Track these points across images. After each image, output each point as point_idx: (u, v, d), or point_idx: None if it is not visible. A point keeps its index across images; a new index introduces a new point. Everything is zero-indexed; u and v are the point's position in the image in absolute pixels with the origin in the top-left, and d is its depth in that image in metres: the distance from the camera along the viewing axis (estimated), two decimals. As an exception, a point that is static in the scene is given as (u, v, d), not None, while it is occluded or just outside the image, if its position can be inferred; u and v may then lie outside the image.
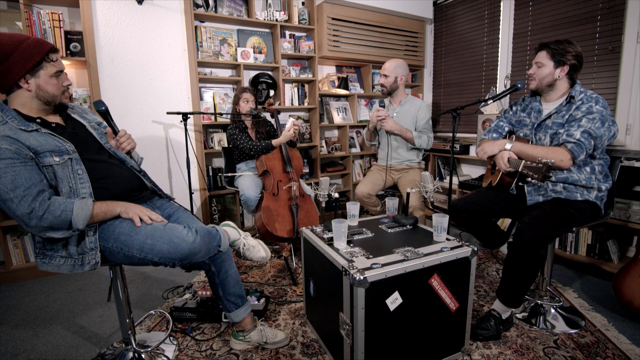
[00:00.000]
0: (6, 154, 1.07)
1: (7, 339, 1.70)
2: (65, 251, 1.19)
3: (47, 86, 1.19)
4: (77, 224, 1.12)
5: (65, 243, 1.18)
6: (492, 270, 2.34)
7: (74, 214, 1.11)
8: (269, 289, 2.13)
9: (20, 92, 1.18)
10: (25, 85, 1.16)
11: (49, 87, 1.20)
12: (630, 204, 2.15)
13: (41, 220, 1.08)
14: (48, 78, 1.19)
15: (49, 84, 1.20)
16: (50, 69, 1.19)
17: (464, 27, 3.57)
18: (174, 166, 2.92)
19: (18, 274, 2.33)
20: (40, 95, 1.19)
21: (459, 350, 1.48)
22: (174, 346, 1.60)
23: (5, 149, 1.07)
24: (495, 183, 1.86)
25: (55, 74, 1.20)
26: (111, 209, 1.21)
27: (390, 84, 2.46)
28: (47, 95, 1.20)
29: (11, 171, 1.07)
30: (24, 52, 1.13)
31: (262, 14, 3.04)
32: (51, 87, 1.20)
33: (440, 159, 3.70)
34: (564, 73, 1.64)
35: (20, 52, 1.13)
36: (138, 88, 2.71)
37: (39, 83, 1.18)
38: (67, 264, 1.19)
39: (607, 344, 1.58)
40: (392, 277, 1.23)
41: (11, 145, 1.08)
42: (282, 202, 2.35)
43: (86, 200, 1.16)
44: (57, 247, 1.19)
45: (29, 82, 1.16)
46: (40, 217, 1.08)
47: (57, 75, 1.21)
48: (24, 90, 1.17)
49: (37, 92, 1.18)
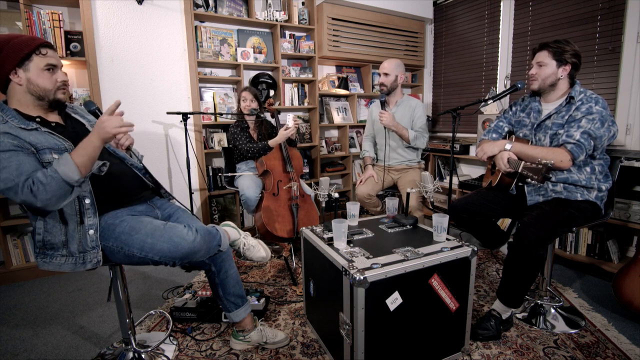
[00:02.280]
0: (8, 146, 1.07)
1: (7, 339, 1.70)
2: (66, 250, 1.19)
3: (38, 80, 1.18)
4: (71, 178, 1.07)
5: (65, 241, 1.18)
6: (492, 270, 2.34)
7: (62, 173, 1.06)
8: (269, 289, 2.13)
9: (13, 87, 1.18)
10: (16, 79, 1.16)
11: (40, 81, 1.19)
12: (630, 204, 2.15)
13: (42, 193, 1.04)
14: (39, 71, 1.18)
15: (40, 78, 1.19)
16: (40, 62, 1.18)
17: (464, 27, 3.57)
18: (174, 166, 2.92)
19: (18, 274, 2.33)
20: (32, 90, 1.19)
21: (459, 350, 1.48)
22: (174, 346, 1.60)
23: (7, 142, 1.08)
24: (495, 183, 1.86)
25: (46, 66, 1.19)
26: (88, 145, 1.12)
27: (391, 82, 2.46)
28: (38, 89, 1.19)
29: (15, 159, 1.06)
30: (14, 46, 1.14)
31: (262, 14, 3.04)
32: (42, 80, 1.19)
33: (440, 159, 3.70)
34: (566, 72, 1.64)
35: (11, 46, 1.14)
36: (138, 88, 2.71)
37: (29, 76, 1.17)
38: (68, 262, 1.19)
39: (607, 344, 1.58)
40: (392, 277, 1.23)
41: (13, 140, 1.09)
42: (282, 202, 2.35)
43: (62, 157, 1.10)
44: (57, 245, 1.19)
45: (19, 74, 1.16)
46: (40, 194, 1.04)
47: (48, 68, 1.20)
48: (15, 84, 1.17)
49: (28, 86, 1.18)
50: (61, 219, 1.18)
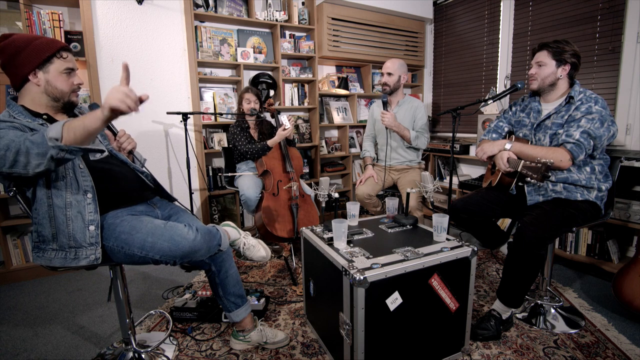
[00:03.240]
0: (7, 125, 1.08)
1: (7, 339, 1.70)
2: (55, 243, 1.17)
3: (57, 82, 1.21)
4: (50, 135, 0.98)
5: (55, 234, 1.17)
6: (492, 270, 2.34)
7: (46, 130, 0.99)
8: (269, 289, 2.13)
9: (30, 87, 1.19)
10: (35, 80, 1.18)
11: (58, 83, 1.21)
12: (630, 204, 2.15)
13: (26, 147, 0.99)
14: (58, 74, 1.21)
15: (58, 80, 1.21)
16: (60, 65, 1.21)
17: (464, 27, 3.57)
18: (174, 166, 2.92)
19: (18, 274, 2.33)
20: (49, 91, 1.21)
21: (459, 350, 1.48)
22: (174, 346, 1.60)
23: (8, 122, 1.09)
24: (495, 183, 1.86)
25: (65, 70, 1.22)
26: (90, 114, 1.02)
27: (394, 82, 2.46)
28: (55, 91, 1.21)
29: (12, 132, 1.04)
30: (35, 47, 1.16)
31: (262, 14, 3.04)
32: (60, 83, 1.22)
33: (440, 159, 3.70)
34: (565, 72, 1.64)
35: (32, 47, 1.16)
36: (138, 88, 2.64)
37: (48, 78, 1.19)
38: (57, 256, 1.17)
39: (607, 344, 1.58)
40: (392, 277, 1.23)
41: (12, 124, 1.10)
42: (282, 202, 2.35)
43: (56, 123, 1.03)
44: (47, 238, 1.17)
45: (38, 76, 1.18)
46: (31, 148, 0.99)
47: (67, 72, 1.23)
48: (33, 84, 1.19)
49: (46, 87, 1.20)
50: (49, 210, 1.16)
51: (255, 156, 2.44)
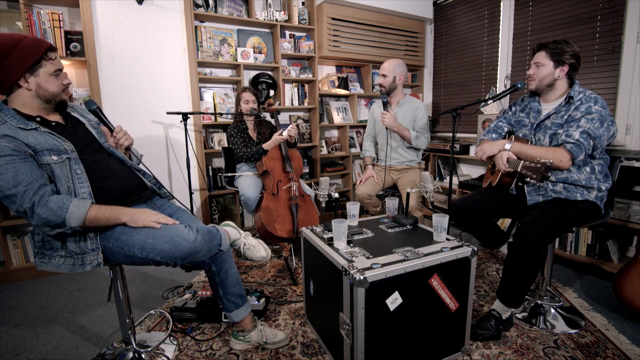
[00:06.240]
0: (5, 151, 1.07)
1: (7, 339, 1.70)
2: (64, 250, 1.19)
3: (48, 85, 1.19)
4: (70, 221, 1.10)
5: (63, 241, 1.18)
6: (492, 270, 2.34)
7: (69, 211, 1.10)
8: (269, 289, 2.13)
9: (20, 91, 1.17)
10: (25, 85, 1.16)
11: (49, 86, 1.20)
12: (630, 204, 2.15)
13: (40, 214, 1.08)
14: (48, 77, 1.19)
15: (49, 83, 1.19)
16: (50, 68, 1.19)
17: (464, 27, 3.57)
18: (174, 166, 2.92)
19: (18, 274, 2.33)
20: (40, 95, 1.19)
21: (459, 350, 1.48)
22: (174, 346, 1.60)
23: (4, 146, 1.07)
24: (495, 183, 1.86)
25: (55, 72, 1.20)
26: (115, 216, 1.20)
27: (388, 83, 2.46)
28: (47, 94, 1.20)
29: (11, 168, 1.07)
30: (22, 50, 1.13)
31: (262, 14, 3.04)
32: (51, 85, 1.20)
33: (440, 159, 3.70)
34: (563, 73, 1.64)
35: (18, 50, 1.12)
36: (138, 88, 2.71)
37: (39, 82, 1.18)
38: (66, 263, 1.19)
39: (607, 344, 1.58)
40: (392, 277, 1.23)
41: (10, 143, 1.08)
42: (282, 202, 2.35)
43: (85, 201, 1.15)
44: (56, 246, 1.19)
45: (28, 81, 1.16)
46: (40, 211, 1.08)
47: (56, 73, 1.21)
48: (24, 89, 1.17)
49: (37, 91, 1.18)
50: None
51: (251, 159, 2.44)
